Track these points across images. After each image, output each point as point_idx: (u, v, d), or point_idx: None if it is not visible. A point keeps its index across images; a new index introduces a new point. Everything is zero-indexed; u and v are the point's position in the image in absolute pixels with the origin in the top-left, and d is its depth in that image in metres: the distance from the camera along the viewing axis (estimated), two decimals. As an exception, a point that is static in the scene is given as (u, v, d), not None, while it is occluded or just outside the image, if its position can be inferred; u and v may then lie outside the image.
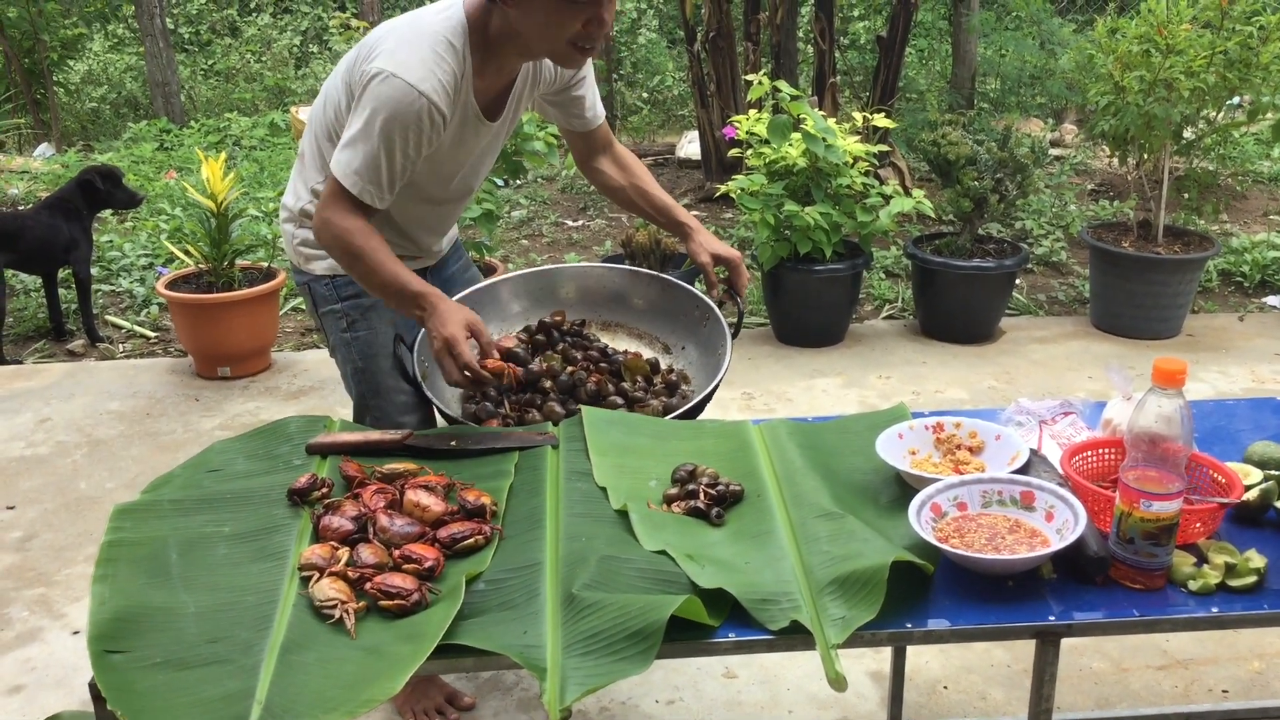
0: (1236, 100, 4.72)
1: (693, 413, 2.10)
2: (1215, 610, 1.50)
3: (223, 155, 4.55)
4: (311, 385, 4.29)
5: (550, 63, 2.11)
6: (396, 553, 1.59)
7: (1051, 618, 1.48)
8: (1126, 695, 2.49)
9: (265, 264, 4.64)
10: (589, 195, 6.81)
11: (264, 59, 10.16)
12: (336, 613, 1.48)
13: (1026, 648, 2.04)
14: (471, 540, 1.62)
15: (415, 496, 1.70)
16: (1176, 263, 4.57)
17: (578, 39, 1.90)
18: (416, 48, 1.91)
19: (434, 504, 1.68)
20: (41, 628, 2.83)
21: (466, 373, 1.92)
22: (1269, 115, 4.54)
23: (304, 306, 4.97)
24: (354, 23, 4.74)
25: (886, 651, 2.50)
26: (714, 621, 1.47)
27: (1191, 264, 4.60)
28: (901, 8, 6.25)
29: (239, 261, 4.50)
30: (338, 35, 8.87)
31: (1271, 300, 5.09)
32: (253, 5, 10.85)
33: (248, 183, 6.51)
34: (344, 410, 2.35)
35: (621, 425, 1.97)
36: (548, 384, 2.14)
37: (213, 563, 1.61)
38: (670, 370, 2.26)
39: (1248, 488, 1.70)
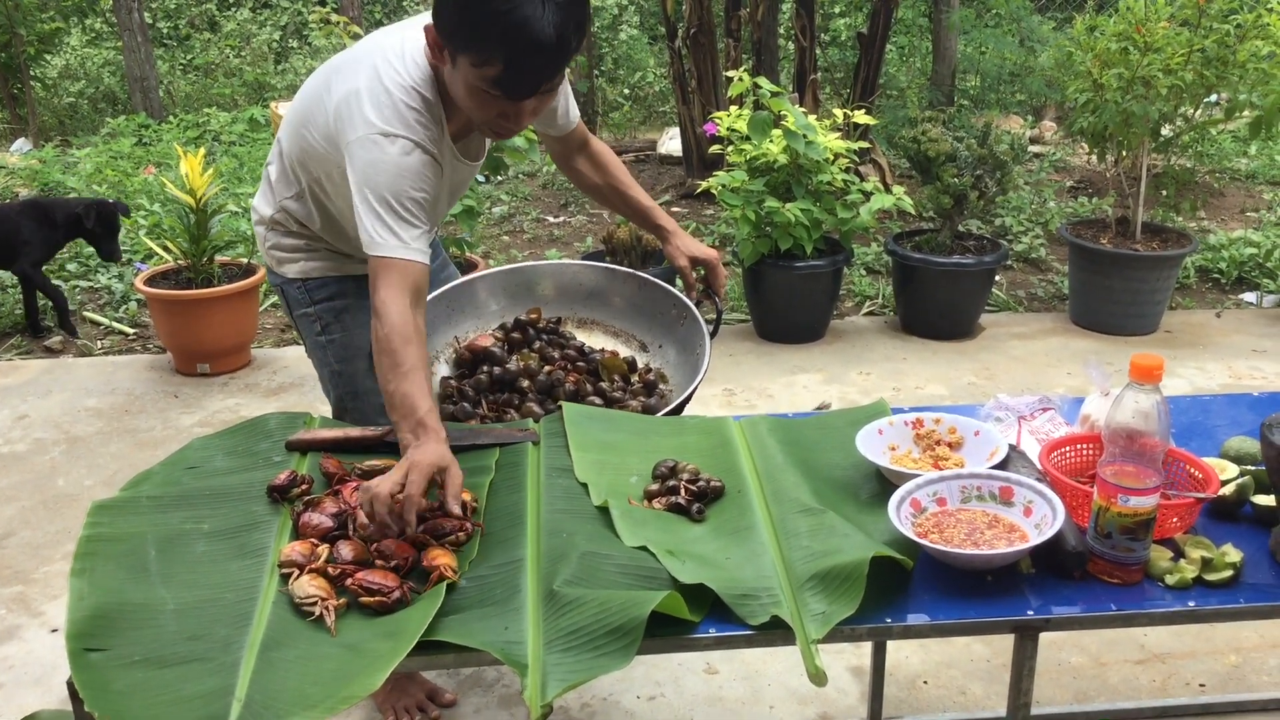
0: (1214, 98, 4.75)
1: (672, 415, 2.10)
2: (1192, 604, 1.52)
3: (202, 151, 4.52)
4: (291, 382, 4.27)
5: None
6: (374, 548, 1.59)
7: (1030, 612, 1.49)
8: (1105, 689, 2.51)
9: (245, 260, 4.61)
10: (570, 192, 6.80)
11: (243, 54, 10.09)
12: (316, 610, 1.48)
13: (1005, 643, 2.05)
14: (452, 536, 1.62)
15: (396, 493, 1.69)
16: (1154, 259, 4.60)
17: (493, 124, 1.86)
18: (392, 104, 1.84)
19: (414, 500, 1.68)
20: (19, 625, 2.81)
21: (386, 512, 1.61)
22: (1246, 113, 4.57)
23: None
24: (334, 18, 4.71)
25: (867, 647, 2.51)
26: (695, 617, 1.47)
27: (1169, 261, 4.63)
28: (882, 5, 6.27)
29: (218, 258, 4.47)
30: (318, 30, 8.81)
31: (1248, 297, 5.14)
32: (232, 0, 10.78)
33: (227, 178, 6.47)
34: (324, 407, 2.34)
35: (602, 421, 1.97)
36: (525, 383, 2.13)
37: (192, 559, 1.60)
38: (648, 369, 2.26)
39: (1224, 483, 1.72)
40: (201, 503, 1.74)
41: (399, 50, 1.89)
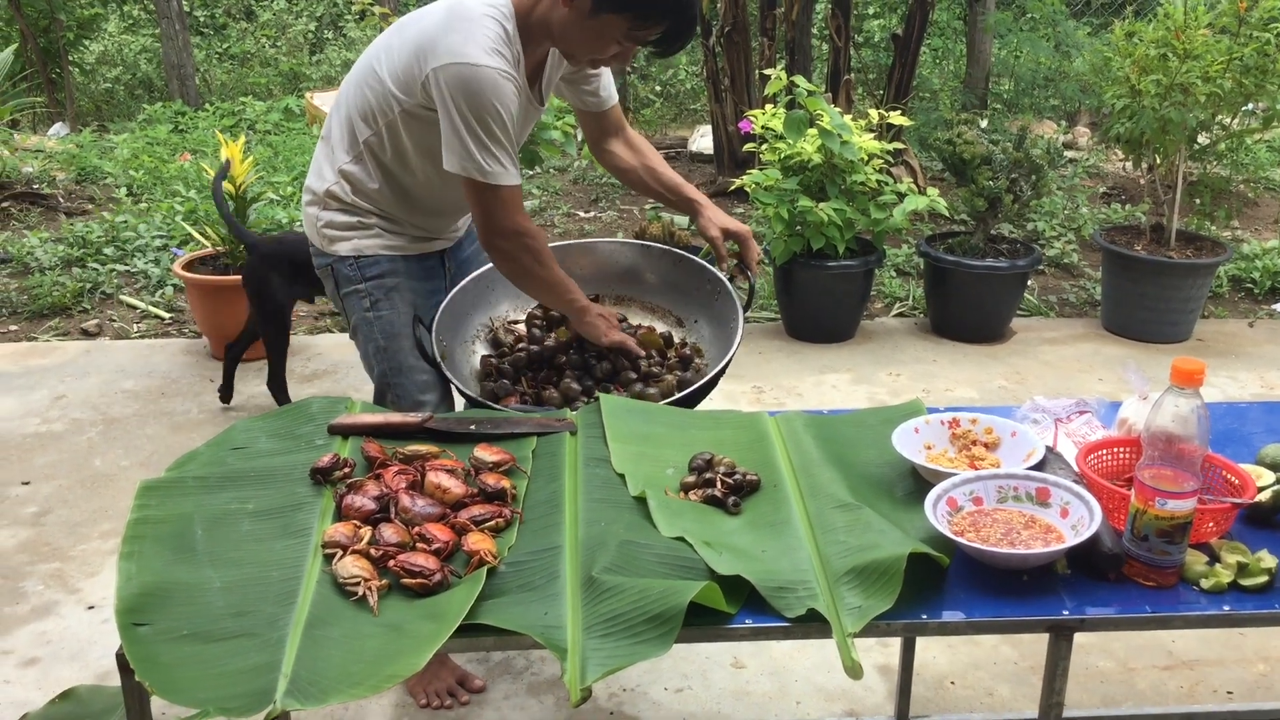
0: (1251, 106, 4.72)
1: (706, 386, 2.13)
2: (1227, 608, 1.52)
3: (241, 138, 4.57)
4: (325, 369, 4.31)
5: None
6: (415, 530, 1.61)
7: (1065, 612, 1.50)
8: (1132, 694, 2.51)
9: (280, 248, 4.64)
10: (601, 186, 6.82)
11: (279, 44, 10.17)
12: (359, 590, 1.50)
13: (1034, 646, 2.05)
14: (492, 523, 1.64)
15: (436, 478, 1.72)
16: (1188, 267, 4.58)
17: (600, 62, 2.09)
18: (477, 34, 1.96)
19: (454, 486, 1.70)
20: (57, 602, 2.86)
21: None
22: (1284, 122, 4.54)
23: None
24: (374, 9, 4.74)
25: (895, 646, 2.52)
26: (731, 608, 1.48)
27: (1203, 269, 4.61)
28: (918, 6, 6.26)
29: (254, 244, 4.51)
30: (354, 21, 8.87)
31: (1282, 307, 5.11)
32: (269, -11, 10.87)
33: (262, 167, 6.53)
34: (359, 394, 2.38)
35: (639, 413, 1.99)
36: (562, 359, 2.17)
37: (237, 539, 1.63)
38: (684, 344, 2.30)
39: (1260, 489, 1.72)
40: (246, 483, 1.76)
41: None
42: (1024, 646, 2.62)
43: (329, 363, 4.36)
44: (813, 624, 1.46)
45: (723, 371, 2.14)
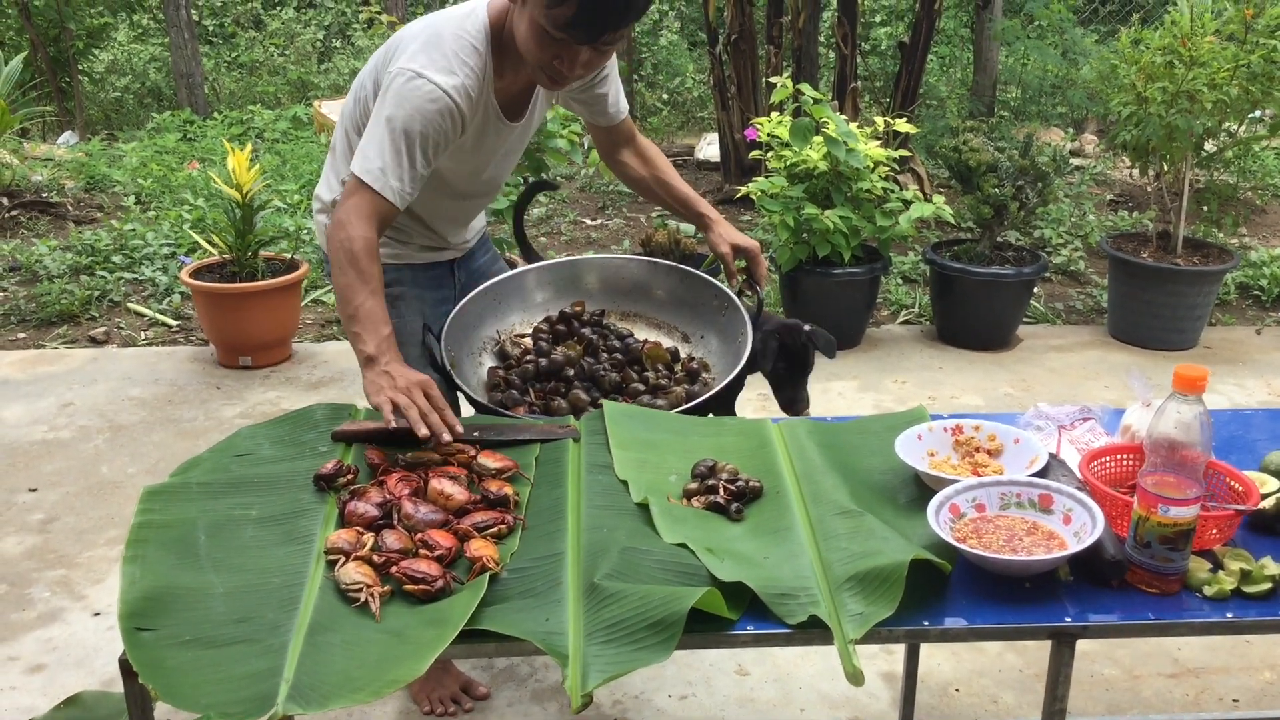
0: (1258, 114, 4.71)
1: (714, 399, 2.13)
2: (1230, 616, 1.52)
3: (248, 147, 4.59)
4: (331, 376, 4.32)
5: None
6: (418, 537, 1.62)
7: (1067, 619, 1.49)
8: (1137, 702, 2.50)
9: (288, 255, 4.67)
10: (608, 194, 6.83)
11: (287, 52, 10.22)
12: (362, 596, 1.50)
13: (1038, 653, 2.05)
14: (494, 529, 1.65)
15: (439, 485, 1.72)
16: (1195, 274, 4.57)
17: (547, 68, 1.93)
18: (440, 49, 1.95)
19: (457, 493, 1.71)
20: (63, 608, 2.87)
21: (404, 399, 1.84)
22: (1291, 129, 4.54)
23: (327, 299, 5.02)
24: (383, 18, 4.76)
25: (899, 653, 2.52)
26: (733, 615, 1.48)
27: (1210, 276, 4.60)
28: (925, 14, 6.26)
29: (262, 252, 4.54)
30: (362, 30, 8.92)
31: (1290, 314, 5.09)
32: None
33: (270, 175, 6.56)
34: (364, 402, 2.37)
35: (642, 420, 1.99)
36: (570, 372, 2.17)
37: (240, 545, 1.64)
38: (690, 358, 2.30)
39: (1264, 496, 1.71)
40: (250, 490, 1.77)
41: (463, 7, 2.02)
42: (1029, 654, 2.61)
43: (335, 370, 4.37)
44: (814, 630, 1.46)
45: (733, 385, 2.14)
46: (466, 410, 2.27)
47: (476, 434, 1.93)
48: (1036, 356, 4.57)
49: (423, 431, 1.80)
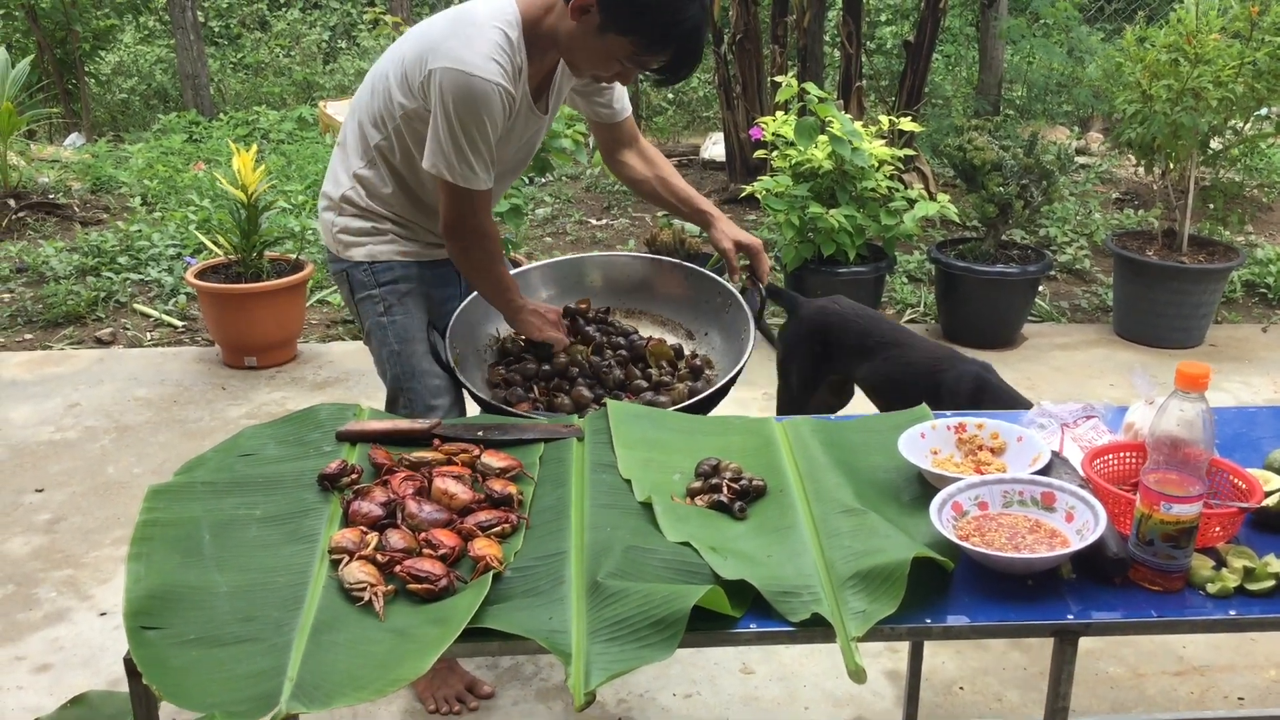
0: (1264, 111, 4.70)
1: (717, 395, 2.13)
2: (1233, 613, 1.51)
3: (254, 147, 4.60)
4: (336, 377, 4.33)
5: None
6: (421, 536, 1.62)
7: (1070, 617, 1.49)
8: (1142, 700, 2.50)
9: (293, 256, 4.68)
10: (613, 194, 6.84)
11: (293, 54, 10.24)
12: (366, 595, 1.51)
13: (1043, 651, 2.04)
14: (498, 528, 1.65)
15: (443, 484, 1.72)
16: (1201, 272, 4.56)
17: (601, 79, 2.10)
18: (478, 41, 1.99)
19: (461, 492, 1.71)
20: (70, 608, 2.88)
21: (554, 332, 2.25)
22: (1297, 126, 4.53)
23: (332, 299, 5.03)
24: (388, 18, 4.77)
25: (903, 651, 2.52)
26: (736, 613, 1.49)
27: (1216, 274, 4.59)
28: (930, 13, 6.25)
29: (267, 253, 4.55)
30: (367, 31, 8.93)
31: (1296, 312, 5.08)
32: (283, 0, 10.93)
33: (275, 176, 6.57)
34: (369, 402, 2.38)
35: (647, 419, 1.99)
36: (574, 370, 2.18)
37: (245, 544, 1.64)
38: (694, 355, 2.31)
39: (1268, 494, 1.71)
40: (254, 489, 1.78)
41: (485, 3, 2.06)
42: (1033, 652, 2.61)
43: (340, 370, 4.38)
44: (817, 628, 1.46)
45: (734, 380, 2.15)
46: (471, 408, 2.29)
47: (480, 433, 1.94)
48: (1041, 355, 4.56)
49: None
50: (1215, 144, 4.71)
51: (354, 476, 1.78)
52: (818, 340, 2.84)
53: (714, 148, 7.46)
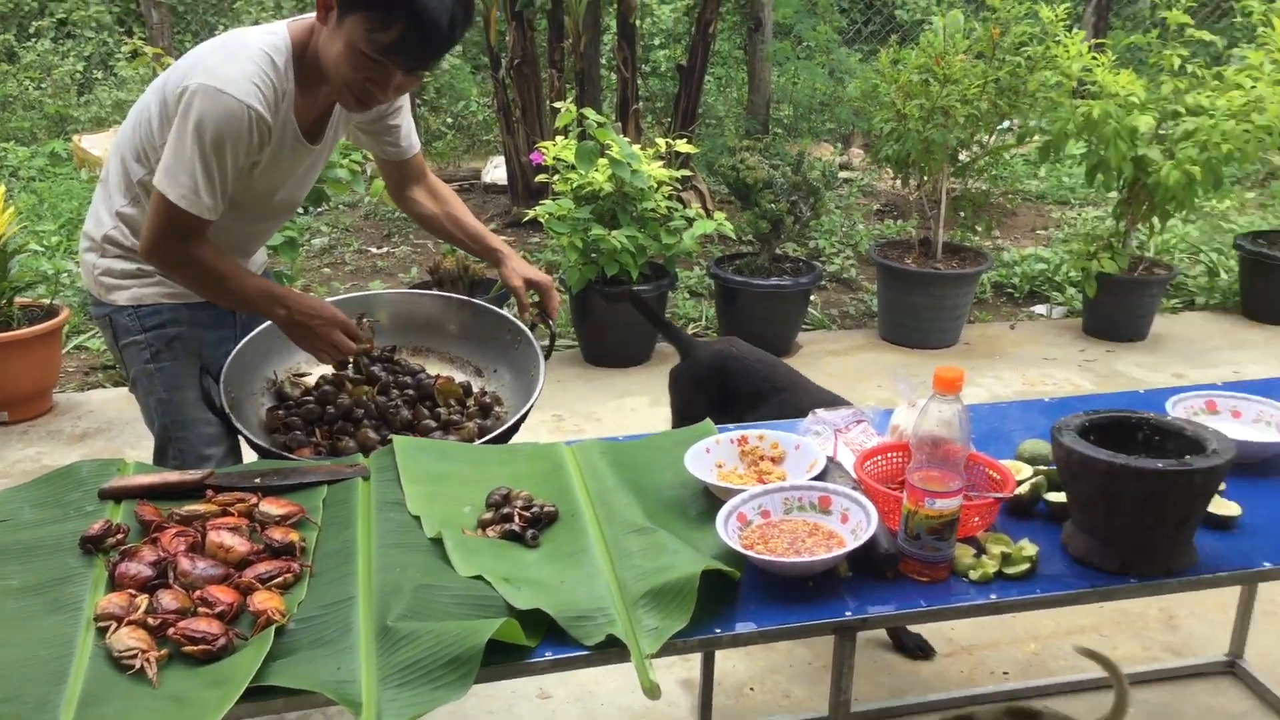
0: (1007, 124, 5.10)
1: (508, 433, 2.12)
2: (994, 597, 1.63)
3: (1, 186, 4.27)
4: (98, 427, 4.06)
5: None
6: (196, 594, 1.54)
7: (848, 613, 1.57)
8: (917, 684, 2.65)
9: (46, 301, 4.36)
10: (393, 222, 6.72)
11: (44, 86, 9.56)
12: (137, 662, 1.42)
13: (827, 645, 2.14)
14: (280, 579, 1.59)
15: (218, 537, 1.65)
16: (954, 277, 4.89)
17: (357, 88, 1.95)
18: (237, 62, 1.91)
19: (238, 544, 1.64)
20: None
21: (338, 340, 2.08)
22: (1035, 138, 4.94)
23: (91, 344, 4.72)
24: (148, 49, 4.53)
25: (696, 659, 2.57)
26: (531, 642, 1.49)
27: (968, 278, 4.93)
28: (700, 37, 6.47)
29: (18, 299, 4.23)
30: (126, 61, 8.44)
31: (1039, 309, 5.51)
32: (32, 30, 10.20)
33: (26, 216, 6.11)
34: (134, 452, 2.25)
35: (434, 452, 1.97)
36: (359, 412, 2.12)
37: (1, 619, 1.52)
38: (483, 393, 2.29)
39: (1019, 483, 1.85)
40: (9, 558, 1.65)
41: (262, 27, 1.99)
42: (817, 647, 2.73)
43: (102, 420, 4.11)
44: (612, 649, 1.48)
45: (524, 418, 2.14)
46: (248, 455, 2.19)
47: (258, 479, 1.87)
48: (815, 361, 4.77)
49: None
50: (964, 157, 5.07)
51: (120, 536, 1.68)
52: (714, 385, 2.81)
53: (495, 171, 7.45)
